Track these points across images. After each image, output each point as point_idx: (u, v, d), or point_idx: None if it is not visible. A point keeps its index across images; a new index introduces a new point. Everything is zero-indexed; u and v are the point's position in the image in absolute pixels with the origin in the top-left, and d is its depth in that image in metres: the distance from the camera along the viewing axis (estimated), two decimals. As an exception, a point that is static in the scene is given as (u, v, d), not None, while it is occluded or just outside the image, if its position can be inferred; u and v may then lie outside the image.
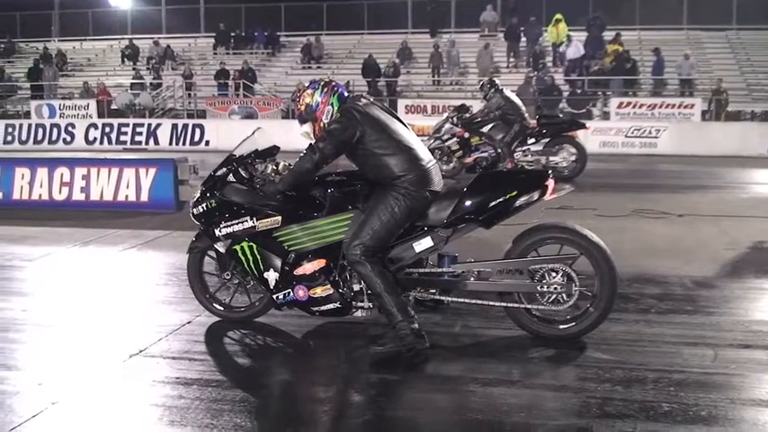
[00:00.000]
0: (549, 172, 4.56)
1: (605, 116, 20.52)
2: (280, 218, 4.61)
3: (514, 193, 4.38)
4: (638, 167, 15.70)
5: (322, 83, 4.67)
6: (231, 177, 4.85)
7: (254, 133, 4.97)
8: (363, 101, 4.59)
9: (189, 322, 5.09)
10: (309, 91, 4.63)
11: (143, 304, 5.64)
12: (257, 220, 4.66)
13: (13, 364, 4.38)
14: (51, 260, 7.16)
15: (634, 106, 20.26)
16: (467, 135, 12.41)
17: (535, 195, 4.42)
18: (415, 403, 3.87)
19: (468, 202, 4.41)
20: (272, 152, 4.92)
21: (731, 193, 11.72)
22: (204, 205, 4.87)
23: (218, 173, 4.87)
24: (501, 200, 4.38)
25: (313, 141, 4.52)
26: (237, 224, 4.70)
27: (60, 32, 31.38)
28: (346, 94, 4.64)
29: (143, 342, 4.67)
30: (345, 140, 4.39)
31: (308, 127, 4.64)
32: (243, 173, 4.82)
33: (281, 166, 4.81)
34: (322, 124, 4.56)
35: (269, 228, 4.63)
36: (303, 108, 4.62)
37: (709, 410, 3.57)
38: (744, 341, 4.55)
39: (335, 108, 4.53)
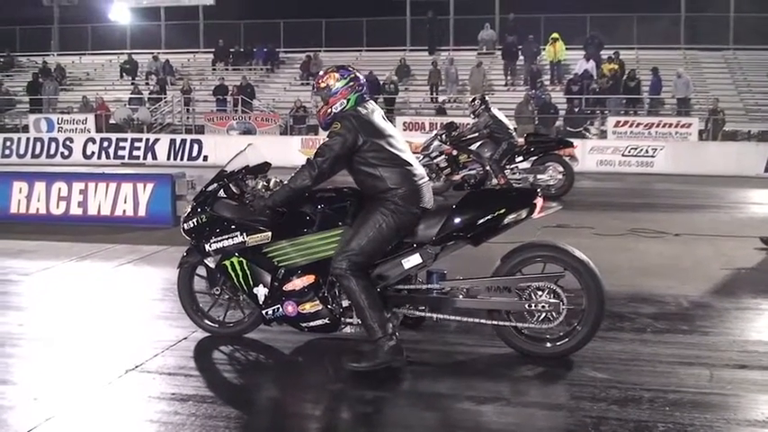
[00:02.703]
0: (538, 190, 4.59)
1: (602, 135, 20.59)
2: (270, 233, 4.63)
3: (503, 210, 4.40)
4: (634, 186, 15.72)
5: (352, 75, 4.60)
6: (222, 193, 4.87)
7: (245, 149, 4.99)
8: (369, 107, 4.56)
9: (185, 338, 5.09)
10: (337, 75, 4.58)
11: (139, 319, 5.63)
12: (247, 236, 4.67)
13: (9, 379, 4.37)
14: (48, 274, 7.15)
15: (631, 125, 20.30)
16: (455, 153, 12.46)
17: (523, 213, 4.43)
18: (405, 421, 3.86)
19: (456, 220, 4.42)
20: (263, 168, 4.93)
21: (728, 213, 11.73)
22: (195, 220, 4.89)
23: (209, 188, 4.90)
24: (489, 217, 4.39)
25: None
26: (227, 239, 4.72)
27: (59, 47, 31.41)
28: (366, 97, 4.62)
29: (139, 357, 4.66)
30: (344, 154, 4.40)
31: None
32: (234, 188, 4.83)
33: (271, 183, 4.82)
34: (329, 111, 4.55)
35: (259, 243, 4.65)
36: (322, 86, 4.60)
37: (704, 431, 3.58)
38: (740, 361, 4.55)
39: (349, 105, 4.51)
